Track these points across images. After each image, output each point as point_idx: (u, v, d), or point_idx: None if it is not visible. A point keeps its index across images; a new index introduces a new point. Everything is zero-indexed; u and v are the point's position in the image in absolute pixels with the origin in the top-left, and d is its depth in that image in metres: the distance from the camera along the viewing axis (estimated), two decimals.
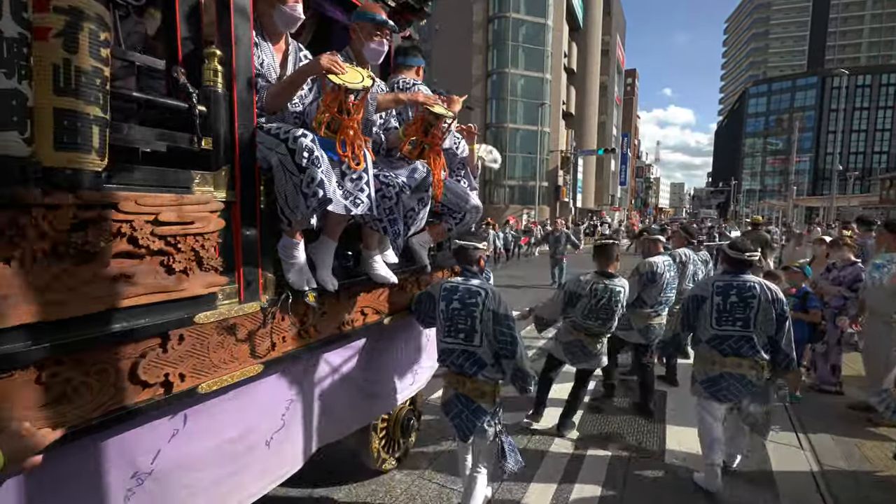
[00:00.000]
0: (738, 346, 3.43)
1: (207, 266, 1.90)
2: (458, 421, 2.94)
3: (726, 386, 3.46)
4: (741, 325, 3.41)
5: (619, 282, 4.06)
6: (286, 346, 2.32)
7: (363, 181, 2.30)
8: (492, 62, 38.99)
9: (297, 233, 2.23)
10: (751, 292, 3.41)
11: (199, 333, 1.87)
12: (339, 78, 2.16)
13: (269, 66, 2.31)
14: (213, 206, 1.91)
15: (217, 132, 1.96)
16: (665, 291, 4.66)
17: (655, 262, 4.66)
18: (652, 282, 4.60)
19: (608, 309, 3.99)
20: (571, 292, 4.10)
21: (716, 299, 3.49)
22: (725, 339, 3.45)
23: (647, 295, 4.64)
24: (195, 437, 1.97)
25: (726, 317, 3.45)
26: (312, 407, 2.65)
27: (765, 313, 3.38)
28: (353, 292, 2.76)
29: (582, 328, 4.14)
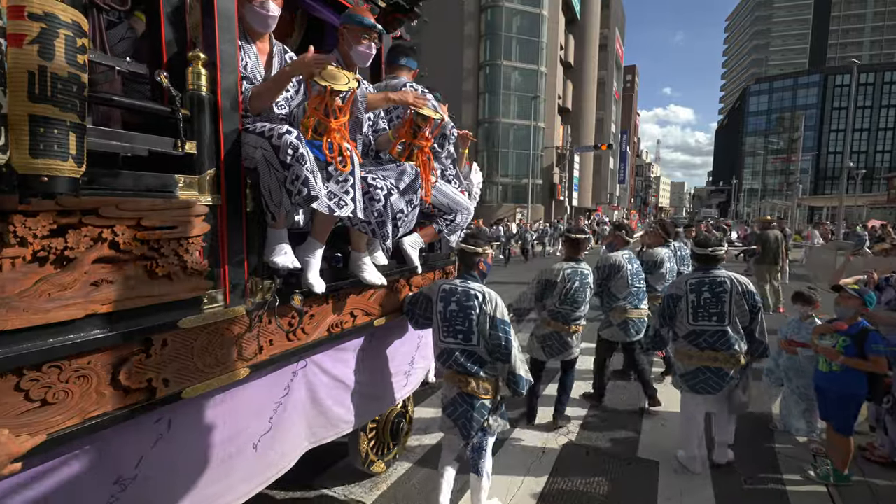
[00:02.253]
0: (714, 341, 3.60)
1: (192, 270, 1.90)
2: (463, 420, 2.95)
3: (704, 379, 3.62)
4: (716, 319, 3.58)
5: (585, 266, 4.37)
6: (274, 350, 2.32)
7: (349, 184, 2.29)
8: (484, 54, 37.09)
9: (280, 225, 2.24)
10: (722, 287, 3.59)
11: (184, 338, 1.87)
12: (324, 80, 2.16)
13: (253, 69, 2.31)
14: (197, 209, 1.91)
15: (202, 136, 1.96)
16: (633, 281, 4.74)
17: (615, 256, 4.82)
18: (616, 273, 4.74)
19: (581, 291, 4.22)
20: (545, 280, 4.26)
21: (690, 297, 3.65)
22: (701, 333, 3.63)
23: (615, 287, 4.75)
24: (180, 442, 1.97)
25: (701, 312, 3.62)
26: (302, 409, 2.65)
27: (738, 306, 3.57)
28: (342, 294, 2.77)
29: (559, 316, 4.26)
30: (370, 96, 2.62)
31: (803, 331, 4.12)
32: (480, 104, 37.51)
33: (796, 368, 4.19)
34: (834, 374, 3.51)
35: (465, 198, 3.59)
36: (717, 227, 5.59)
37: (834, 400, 3.54)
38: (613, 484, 3.59)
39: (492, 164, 36.76)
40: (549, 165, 39.25)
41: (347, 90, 2.24)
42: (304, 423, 2.68)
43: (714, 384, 3.60)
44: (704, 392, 3.65)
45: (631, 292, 4.73)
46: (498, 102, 36.99)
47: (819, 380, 3.66)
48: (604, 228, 14.25)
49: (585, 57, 46.19)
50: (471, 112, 36.36)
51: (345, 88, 2.22)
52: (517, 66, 37.04)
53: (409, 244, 3.34)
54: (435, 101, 3.42)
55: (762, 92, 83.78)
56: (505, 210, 35.09)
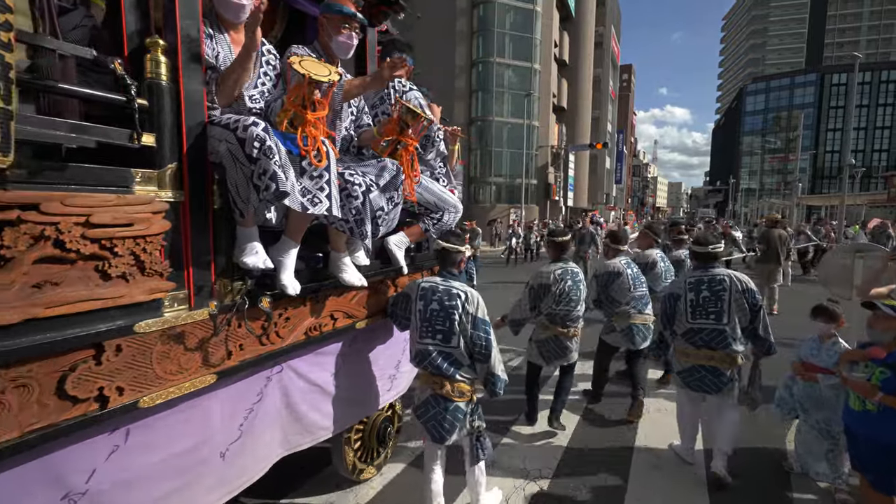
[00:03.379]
0: (710, 339, 3.55)
1: (151, 271, 1.78)
2: (434, 423, 2.84)
3: (699, 377, 3.60)
4: (714, 318, 3.53)
5: (573, 265, 4.27)
6: (244, 355, 2.20)
7: (324, 180, 2.17)
8: (477, 51, 35.53)
9: (250, 223, 2.12)
10: (721, 285, 3.55)
11: (141, 343, 1.75)
12: (302, 67, 2.05)
13: (225, 59, 2.19)
14: (156, 206, 1.78)
15: (161, 127, 1.84)
16: (636, 286, 4.58)
17: (612, 263, 4.68)
18: (615, 279, 4.58)
19: (576, 290, 4.11)
20: (538, 285, 4.14)
21: (689, 295, 3.63)
22: (698, 332, 3.58)
23: (617, 293, 4.57)
24: (139, 453, 1.85)
25: (700, 311, 3.58)
26: (276, 416, 2.53)
27: (737, 304, 3.50)
28: (321, 296, 2.65)
29: (558, 318, 4.13)
30: (347, 84, 2.49)
31: (824, 353, 3.42)
32: (473, 102, 36.34)
33: (815, 398, 3.45)
34: (870, 414, 2.82)
35: (453, 196, 3.48)
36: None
37: (870, 448, 2.85)
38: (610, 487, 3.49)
39: (485, 163, 36.00)
40: (543, 165, 38.36)
41: (328, 81, 2.13)
42: (277, 430, 2.56)
43: (710, 383, 3.56)
44: (700, 390, 3.63)
45: (634, 296, 4.56)
46: (491, 100, 35.83)
47: (850, 420, 2.98)
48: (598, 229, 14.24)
49: (580, 55, 45.23)
50: (463, 110, 35.30)
51: (325, 79, 2.11)
52: (510, 63, 35.93)
53: (394, 243, 3.22)
54: (422, 98, 3.31)
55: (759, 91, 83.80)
56: (498, 210, 34.26)
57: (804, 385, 3.52)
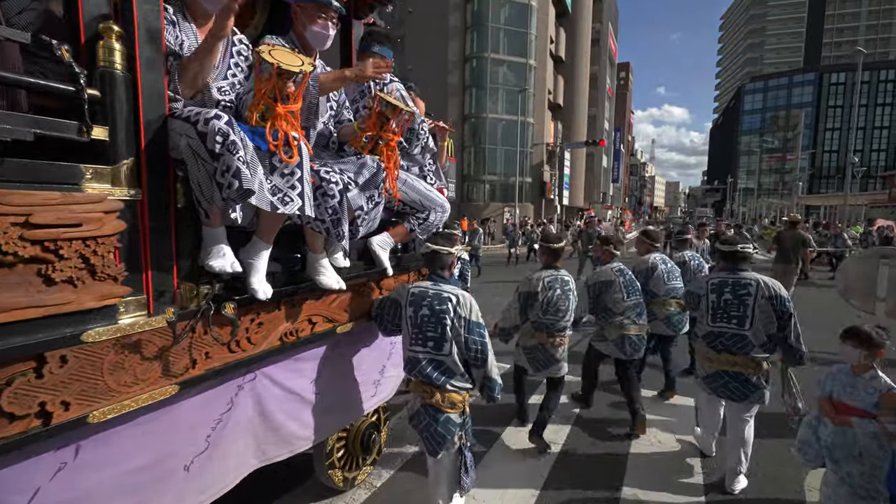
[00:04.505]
0: (731, 344, 3.38)
1: (103, 275, 1.65)
2: (427, 434, 2.71)
3: (724, 383, 3.42)
4: (736, 322, 3.36)
5: (565, 272, 4.06)
6: (211, 363, 2.07)
7: (296, 177, 2.04)
8: (470, 46, 34.50)
9: (216, 223, 1.99)
10: (746, 289, 3.35)
11: (90, 353, 1.62)
12: (272, 57, 1.91)
13: (190, 49, 2.05)
14: (108, 205, 1.65)
15: (115, 120, 1.70)
16: (629, 294, 4.29)
17: (604, 270, 4.42)
18: (607, 289, 4.31)
19: (564, 299, 3.93)
20: (527, 293, 3.97)
21: (710, 297, 3.49)
22: (719, 335, 3.43)
23: (611, 302, 4.30)
24: (90, 470, 1.72)
25: (721, 314, 3.43)
26: (247, 426, 2.40)
27: (762, 311, 3.30)
28: (297, 300, 2.52)
29: (543, 327, 3.95)
30: (322, 76, 2.35)
31: (860, 389, 2.68)
32: (466, 99, 35.35)
33: (848, 448, 2.65)
34: None
35: (440, 195, 3.35)
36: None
37: None
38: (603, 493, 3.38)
39: (478, 161, 35.34)
40: (538, 163, 37.51)
41: (299, 72, 2.00)
42: (250, 441, 2.43)
43: (735, 390, 3.37)
44: (726, 397, 3.44)
45: (628, 306, 4.27)
46: (485, 97, 34.85)
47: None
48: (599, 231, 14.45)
49: (577, 51, 44.28)
50: (456, 107, 34.43)
51: (296, 70, 1.98)
52: (505, 59, 34.90)
53: (377, 244, 3.09)
54: (403, 89, 3.18)
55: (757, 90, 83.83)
56: (492, 209, 33.63)
57: (834, 430, 2.72)
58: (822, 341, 6.58)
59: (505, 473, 3.63)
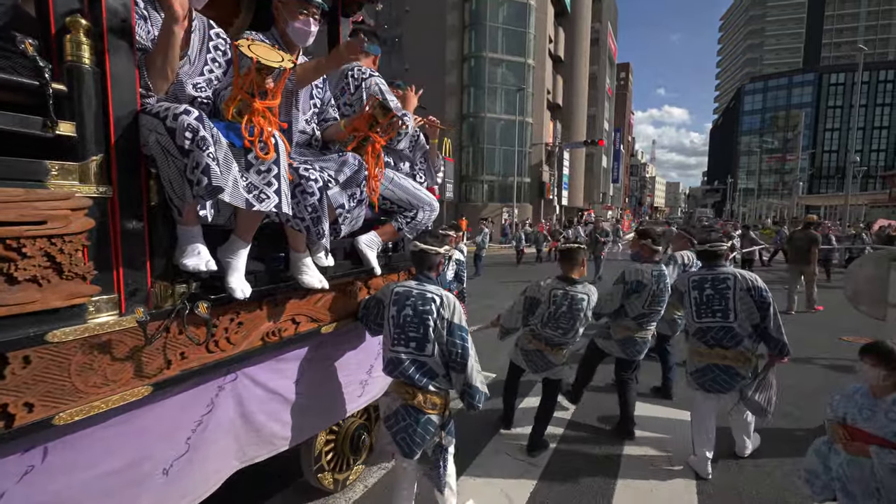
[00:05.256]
0: (720, 338, 3.53)
1: (70, 274, 1.61)
2: (404, 435, 2.66)
3: (713, 377, 3.56)
4: (720, 316, 3.52)
5: (583, 289, 3.70)
6: (187, 364, 2.03)
7: (272, 174, 2.01)
8: (468, 45, 34.06)
9: (190, 221, 1.95)
10: (725, 283, 3.53)
11: (55, 354, 1.58)
12: (251, 51, 1.88)
13: None
14: (75, 202, 1.61)
15: (83, 116, 1.66)
16: (652, 304, 4.07)
17: (643, 269, 4.11)
18: (636, 291, 4.09)
19: (569, 317, 3.66)
20: (531, 297, 3.87)
21: (692, 293, 3.65)
22: (707, 331, 3.58)
23: (630, 306, 4.13)
24: (60, 473, 1.67)
25: (704, 309, 3.59)
26: (229, 427, 2.35)
27: (742, 302, 3.47)
28: (279, 299, 2.48)
29: (542, 338, 3.82)
30: (299, 68, 2.31)
31: (881, 414, 2.35)
32: (465, 98, 34.82)
33: (864, 481, 2.31)
34: None
35: (429, 193, 3.31)
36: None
37: None
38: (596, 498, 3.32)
39: (477, 161, 34.96)
40: (537, 163, 37.03)
41: (279, 68, 1.96)
42: (231, 442, 2.39)
43: (723, 382, 3.54)
44: (714, 390, 3.58)
45: (646, 314, 4.10)
46: (483, 96, 34.35)
47: None
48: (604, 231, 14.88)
49: (576, 51, 43.90)
50: (454, 106, 34.10)
51: (275, 65, 1.94)
52: (504, 58, 34.44)
53: (364, 243, 3.05)
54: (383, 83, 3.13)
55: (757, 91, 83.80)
56: (491, 210, 33.19)
57: (848, 459, 2.38)
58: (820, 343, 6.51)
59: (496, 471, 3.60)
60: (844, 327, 7.59)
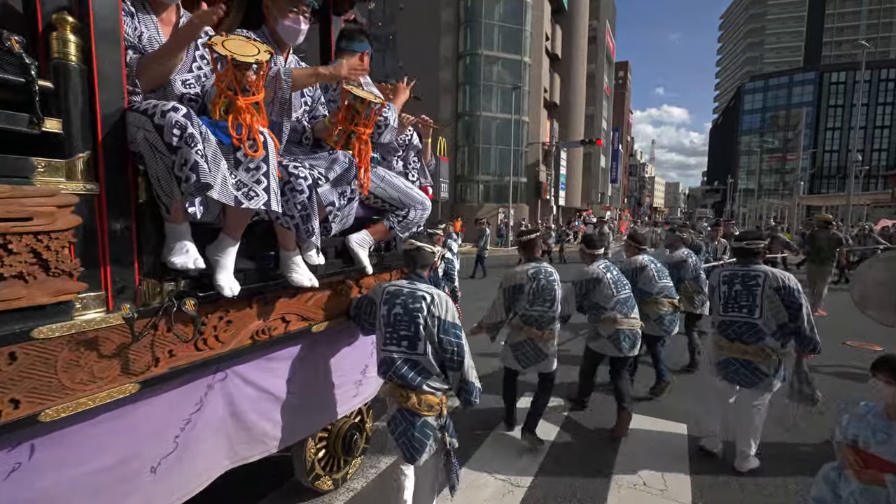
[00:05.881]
0: (742, 332, 3.60)
1: (57, 270, 1.62)
2: (404, 440, 2.63)
3: (734, 370, 3.65)
4: (746, 311, 3.59)
5: (546, 264, 4.10)
6: (175, 361, 2.03)
7: (261, 171, 2.01)
8: (464, 43, 33.36)
9: (179, 219, 1.95)
10: (755, 280, 3.58)
11: (41, 350, 1.58)
12: (224, 48, 1.87)
13: (151, 40, 2.02)
14: (61, 199, 1.62)
15: (70, 113, 1.67)
16: (619, 289, 4.35)
17: (591, 269, 4.44)
18: (596, 285, 4.37)
19: (549, 289, 3.94)
20: (513, 286, 3.99)
21: (722, 288, 3.75)
22: (730, 324, 3.67)
23: (600, 297, 4.36)
24: (48, 470, 1.68)
25: (731, 304, 3.67)
26: (219, 426, 2.36)
27: (770, 300, 3.50)
28: (269, 297, 2.48)
29: (532, 321, 3.96)
30: (296, 72, 2.31)
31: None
32: (460, 96, 34.17)
33: None
34: None
35: (421, 192, 3.31)
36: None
37: None
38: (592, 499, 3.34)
39: (472, 160, 34.40)
40: (534, 162, 36.45)
41: (255, 62, 1.94)
42: (222, 441, 2.39)
43: (745, 377, 3.61)
44: (735, 382, 3.68)
45: (619, 300, 4.33)
46: (479, 95, 33.70)
47: None
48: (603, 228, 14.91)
49: (574, 49, 43.18)
50: (449, 105, 33.57)
51: (251, 60, 1.92)
52: (499, 56, 33.75)
53: (356, 242, 3.05)
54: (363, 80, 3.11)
55: (757, 90, 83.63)
56: (487, 210, 32.58)
57: (862, 488, 2.18)
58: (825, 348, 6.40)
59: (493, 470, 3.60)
60: (853, 331, 7.40)
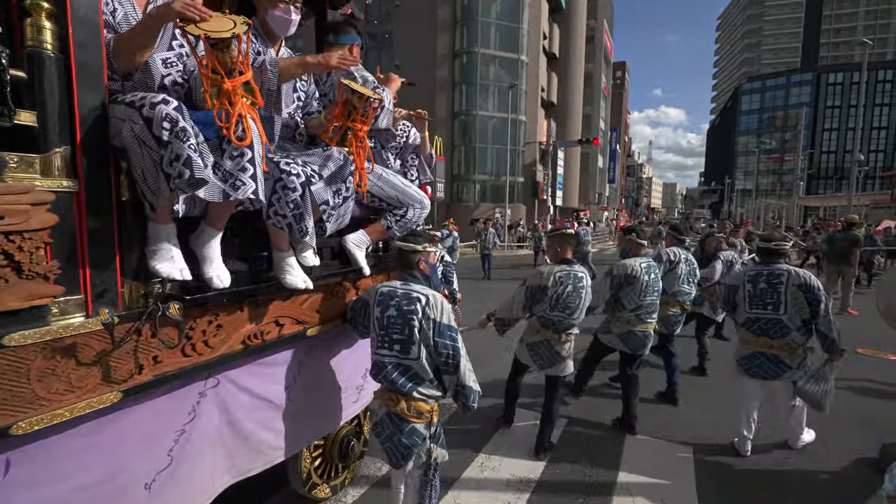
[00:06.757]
0: (768, 328, 3.76)
1: (31, 273, 1.51)
2: (389, 444, 2.54)
3: (758, 364, 3.80)
4: (771, 308, 3.75)
5: (579, 267, 3.92)
6: (162, 368, 1.93)
7: (246, 158, 1.87)
8: (460, 41, 33.02)
9: (164, 218, 1.84)
10: (779, 279, 3.75)
11: (13, 359, 1.47)
12: (198, 28, 1.74)
13: (126, 17, 1.90)
14: (36, 196, 1.51)
15: (45, 104, 1.56)
16: (646, 294, 4.25)
17: (631, 264, 4.29)
18: (629, 284, 4.27)
19: (575, 296, 3.79)
20: (535, 286, 3.85)
21: (747, 286, 3.89)
22: (756, 321, 3.82)
23: (626, 298, 4.29)
24: (24, 488, 1.57)
25: (757, 301, 3.82)
26: (216, 437, 2.25)
27: (794, 297, 3.66)
28: (261, 300, 2.37)
29: (549, 323, 3.85)
30: (283, 61, 2.20)
31: None
32: (456, 95, 33.87)
33: None
34: None
35: (419, 191, 3.20)
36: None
37: None
38: None
39: (468, 160, 34.09)
40: (531, 162, 36.19)
41: (231, 36, 1.76)
42: (221, 453, 2.28)
43: (769, 370, 3.76)
44: (759, 377, 3.81)
45: (642, 304, 4.25)
46: (475, 93, 33.32)
47: None
48: None
49: (571, 48, 42.97)
50: (445, 103, 33.20)
51: (227, 35, 1.74)
52: (496, 54, 33.37)
53: (352, 242, 2.95)
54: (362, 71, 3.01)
55: (754, 91, 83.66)
56: (483, 210, 32.10)
57: None
58: None
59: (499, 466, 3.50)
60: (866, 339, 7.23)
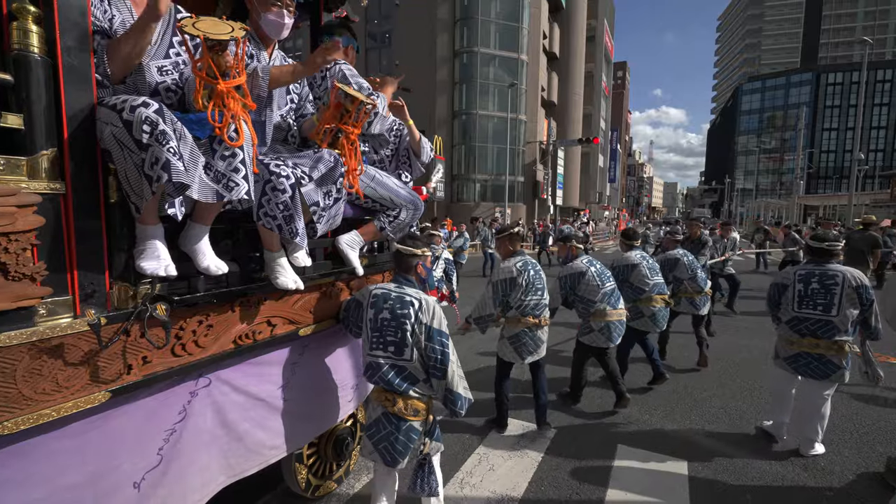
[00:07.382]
0: (816, 329, 3.72)
1: (17, 274, 1.52)
2: (386, 444, 2.56)
3: (805, 363, 3.77)
4: (822, 309, 3.70)
5: (527, 256, 4.27)
6: (151, 368, 1.93)
7: (238, 159, 1.89)
8: (460, 40, 32.92)
9: (149, 220, 1.84)
10: (833, 280, 3.70)
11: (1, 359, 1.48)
12: (196, 29, 1.76)
13: (123, 24, 1.90)
14: (21, 199, 1.52)
15: (31, 107, 1.57)
16: (604, 284, 4.53)
17: (574, 265, 4.64)
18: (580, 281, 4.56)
19: (538, 277, 4.17)
20: (506, 280, 4.09)
21: (797, 286, 3.83)
22: (803, 321, 3.78)
23: (586, 291, 4.54)
24: (12, 487, 1.58)
25: (807, 301, 3.77)
26: (209, 437, 2.25)
27: (849, 299, 3.63)
28: (253, 300, 2.38)
29: (528, 309, 4.11)
30: (274, 69, 2.22)
31: None
32: (456, 95, 33.84)
33: None
34: None
35: (413, 191, 3.21)
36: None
37: None
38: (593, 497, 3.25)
39: (469, 159, 34.08)
40: (531, 162, 36.10)
41: (230, 40, 1.82)
42: (215, 453, 2.28)
43: (817, 370, 3.72)
44: (807, 375, 3.77)
45: (605, 292, 4.52)
46: (475, 93, 33.26)
47: None
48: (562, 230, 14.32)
49: (572, 48, 42.90)
50: (445, 103, 33.17)
51: (226, 38, 1.79)
52: (496, 54, 33.30)
53: (345, 243, 2.95)
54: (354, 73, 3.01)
55: (754, 90, 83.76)
56: (483, 209, 32.06)
57: None
58: None
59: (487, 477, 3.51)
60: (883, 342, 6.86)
